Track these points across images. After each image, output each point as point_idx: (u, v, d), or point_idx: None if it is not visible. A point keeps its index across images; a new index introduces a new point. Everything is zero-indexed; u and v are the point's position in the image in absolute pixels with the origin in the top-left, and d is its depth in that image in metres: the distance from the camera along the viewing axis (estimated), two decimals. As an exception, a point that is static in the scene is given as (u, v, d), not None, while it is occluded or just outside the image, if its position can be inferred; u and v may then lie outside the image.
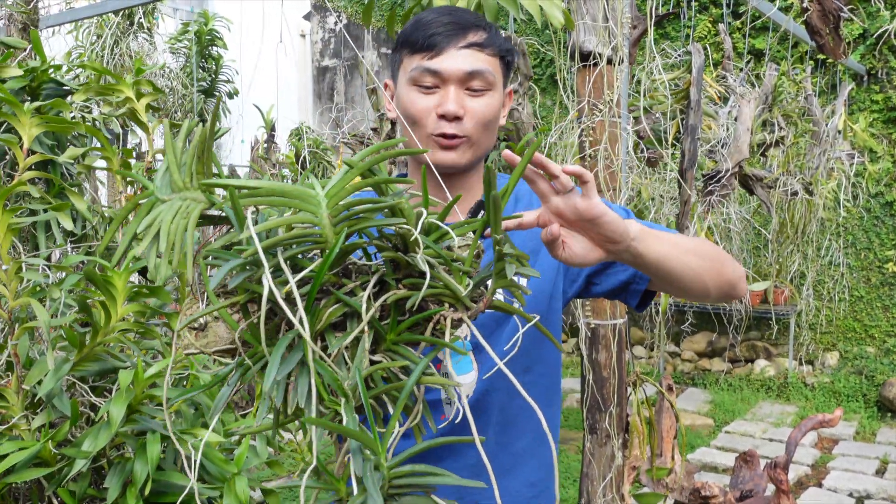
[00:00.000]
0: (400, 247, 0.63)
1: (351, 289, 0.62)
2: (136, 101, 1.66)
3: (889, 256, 5.99)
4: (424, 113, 1.13)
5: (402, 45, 1.17)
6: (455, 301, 0.62)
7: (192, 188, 0.62)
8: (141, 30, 4.80)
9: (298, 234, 0.58)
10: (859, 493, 3.99)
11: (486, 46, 1.13)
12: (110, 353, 1.57)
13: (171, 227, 0.59)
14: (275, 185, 0.57)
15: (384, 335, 0.61)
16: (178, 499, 1.51)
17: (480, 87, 1.13)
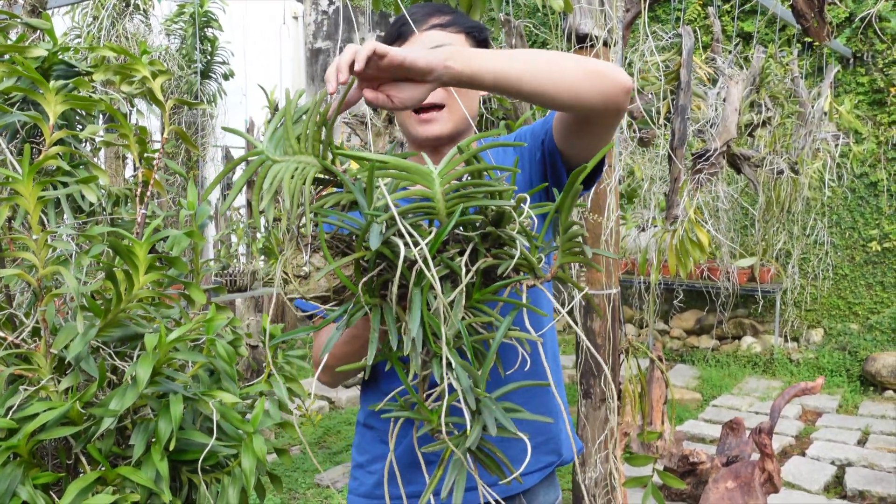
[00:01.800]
0: (494, 221, 0.72)
1: (451, 254, 0.72)
2: (153, 81, 1.72)
3: (872, 235, 6.11)
4: None
5: (386, 41, 1.32)
6: (529, 270, 0.72)
7: (307, 152, 0.71)
8: (137, 11, 4.82)
9: (418, 206, 0.68)
10: (841, 462, 4.13)
11: (448, 25, 1.26)
12: (132, 320, 1.65)
13: (290, 185, 0.68)
14: (400, 161, 0.67)
15: (471, 294, 0.72)
16: (198, 456, 1.59)
17: None
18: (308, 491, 3.77)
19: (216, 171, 5.77)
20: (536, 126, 1.34)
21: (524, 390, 1.40)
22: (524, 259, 0.72)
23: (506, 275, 0.72)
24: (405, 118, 1.29)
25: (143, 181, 1.86)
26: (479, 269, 0.72)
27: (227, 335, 1.81)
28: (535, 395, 1.39)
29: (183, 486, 1.67)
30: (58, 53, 1.93)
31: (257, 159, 0.73)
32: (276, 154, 0.72)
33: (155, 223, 1.61)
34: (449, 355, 0.65)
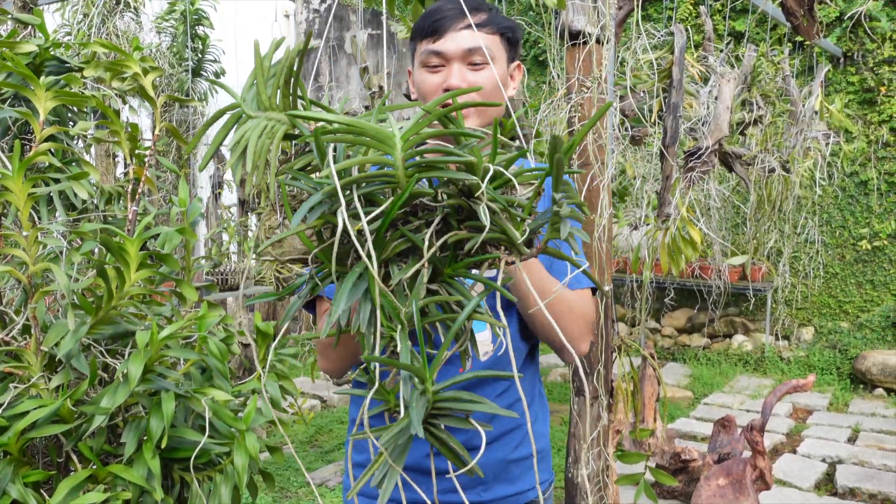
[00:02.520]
0: (465, 192, 0.67)
1: (417, 226, 0.68)
2: (144, 77, 1.72)
3: (863, 234, 6.14)
4: (433, 89, 1.27)
5: (415, 35, 1.31)
6: (510, 246, 0.68)
7: (277, 109, 0.68)
8: (128, 9, 4.80)
9: (373, 175, 0.64)
10: (832, 459, 4.15)
11: (485, 25, 1.26)
12: (123, 317, 1.64)
13: (257, 145, 0.66)
14: (353, 122, 0.60)
15: (442, 269, 0.68)
16: (190, 454, 1.59)
17: (481, 61, 1.25)
18: (300, 490, 3.76)
19: (207, 170, 5.75)
20: None
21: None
22: (503, 233, 0.66)
23: (480, 251, 0.67)
24: None
25: (135, 178, 1.85)
26: (450, 242, 0.67)
27: (218, 333, 1.80)
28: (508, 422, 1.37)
29: (174, 484, 1.66)
30: (49, 49, 1.91)
31: (234, 113, 0.71)
32: (252, 109, 0.70)
33: (146, 220, 1.60)
34: (399, 338, 0.63)
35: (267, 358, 1.92)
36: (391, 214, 0.63)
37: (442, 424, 0.66)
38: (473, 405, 0.65)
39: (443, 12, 1.26)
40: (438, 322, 0.68)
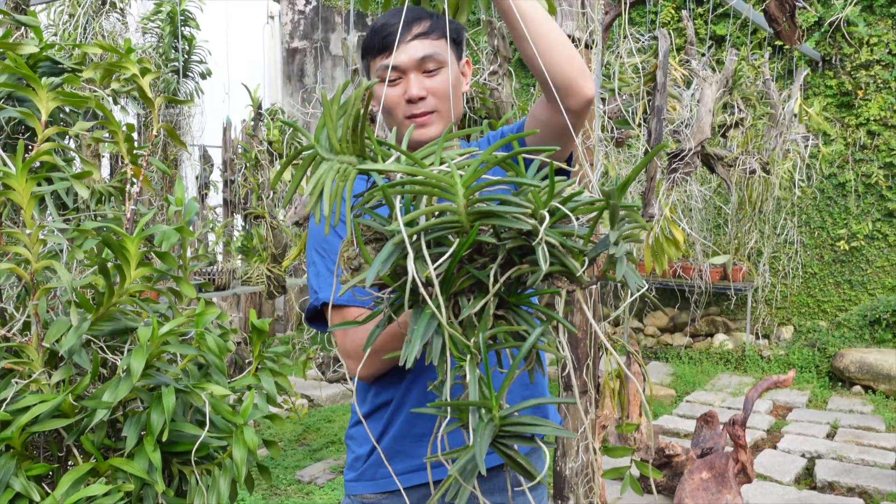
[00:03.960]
0: (524, 233, 0.72)
1: (482, 262, 0.73)
2: (142, 78, 1.74)
3: (841, 235, 6.26)
4: (395, 102, 1.33)
5: (366, 53, 1.37)
6: (571, 277, 0.73)
7: (347, 151, 0.74)
8: (113, 9, 4.80)
9: (438, 223, 0.70)
10: (811, 454, 4.23)
11: (431, 32, 1.32)
12: (123, 314, 1.67)
13: (332, 189, 0.71)
14: (417, 172, 0.68)
15: (507, 299, 0.73)
16: (189, 448, 1.61)
17: (434, 67, 1.31)
18: (289, 487, 3.79)
19: (193, 170, 5.76)
20: (512, 128, 1.46)
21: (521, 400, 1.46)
22: (562, 265, 0.72)
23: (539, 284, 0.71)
24: (397, 121, 1.35)
25: (132, 177, 1.88)
26: (513, 277, 0.72)
27: (215, 329, 1.83)
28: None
29: (174, 477, 1.69)
30: (43, 50, 1.94)
31: (309, 154, 0.76)
32: (325, 151, 0.75)
33: (146, 218, 1.63)
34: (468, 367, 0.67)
35: (262, 354, 1.95)
36: (457, 257, 0.68)
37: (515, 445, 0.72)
38: (537, 427, 0.70)
39: (389, 27, 1.31)
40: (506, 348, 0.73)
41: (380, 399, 1.47)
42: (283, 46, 7.81)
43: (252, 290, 4.32)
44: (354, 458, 1.51)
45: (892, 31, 5.95)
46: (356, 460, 1.50)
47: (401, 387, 1.46)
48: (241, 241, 4.47)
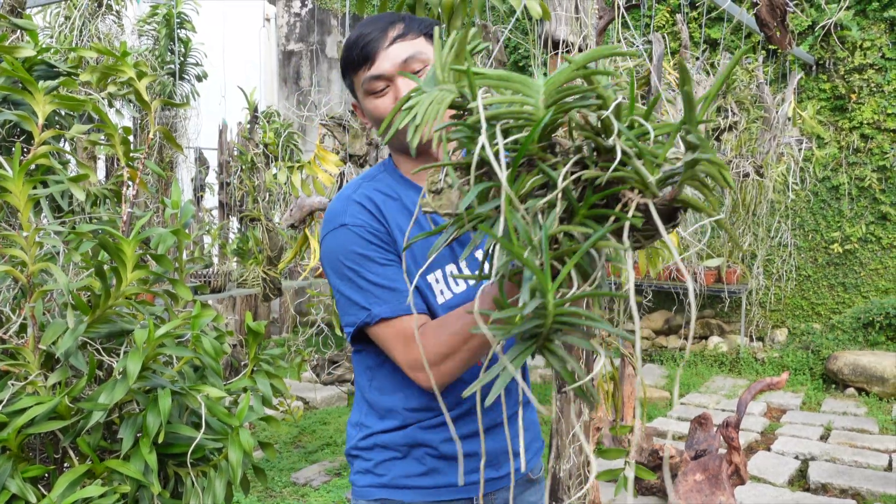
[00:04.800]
0: (601, 133, 0.71)
1: (553, 163, 0.72)
2: (138, 82, 1.75)
3: (834, 238, 6.29)
4: (388, 110, 1.29)
5: (347, 69, 1.34)
6: (643, 187, 0.70)
7: (448, 82, 0.76)
8: (109, 12, 4.81)
9: (514, 111, 0.70)
10: (804, 456, 4.25)
11: (407, 34, 1.30)
12: (120, 316, 1.68)
13: (427, 110, 0.74)
14: (502, 73, 0.72)
15: (576, 209, 0.71)
16: (185, 449, 1.62)
17: (420, 66, 1.29)
18: (284, 489, 3.79)
19: (189, 173, 5.76)
20: None
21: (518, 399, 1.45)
22: (635, 173, 0.69)
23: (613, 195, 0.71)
24: (396, 134, 1.36)
25: (128, 180, 1.89)
26: (585, 178, 0.71)
27: (210, 332, 1.84)
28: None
29: (169, 479, 1.70)
30: (40, 54, 1.94)
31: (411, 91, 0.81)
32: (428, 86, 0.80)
33: (142, 221, 1.64)
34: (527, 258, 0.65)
35: (257, 357, 1.96)
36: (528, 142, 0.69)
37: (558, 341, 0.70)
38: (593, 322, 0.68)
39: (365, 38, 1.29)
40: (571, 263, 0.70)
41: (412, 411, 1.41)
42: (279, 49, 7.82)
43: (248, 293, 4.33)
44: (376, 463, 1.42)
45: (886, 35, 5.99)
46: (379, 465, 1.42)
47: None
48: (237, 243, 4.47)
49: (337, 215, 1.33)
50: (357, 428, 1.45)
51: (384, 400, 1.39)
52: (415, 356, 1.24)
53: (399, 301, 1.26)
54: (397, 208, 1.33)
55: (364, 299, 1.28)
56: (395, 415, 1.38)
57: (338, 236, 1.31)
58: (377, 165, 1.46)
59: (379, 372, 1.40)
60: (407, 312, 1.25)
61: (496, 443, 1.40)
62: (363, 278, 1.28)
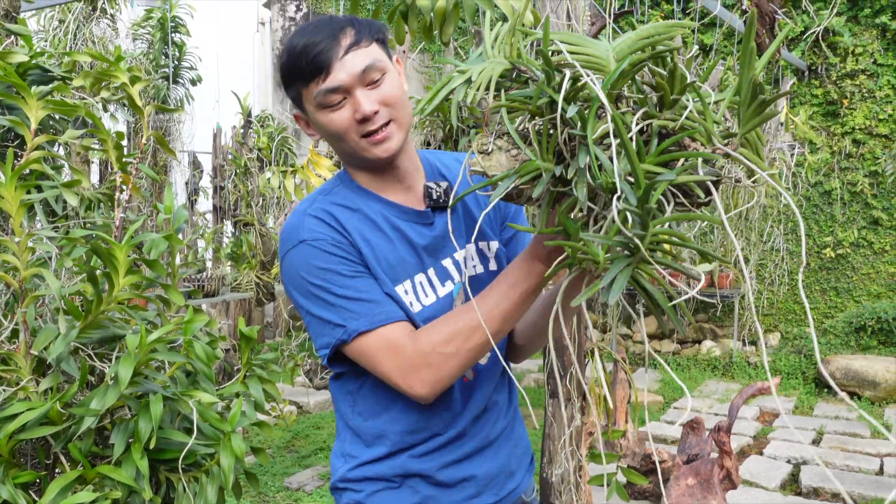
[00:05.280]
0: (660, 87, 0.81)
1: (623, 112, 0.80)
2: (131, 87, 1.75)
3: (827, 242, 6.31)
4: (346, 125, 1.21)
5: (294, 79, 1.23)
6: (706, 140, 0.78)
7: (499, 56, 0.83)
8: (104, 15, 4.81)
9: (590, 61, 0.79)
10: (797, 460, 4.27)
11: (360, 41, 1.21)
12: (112, 321, 1.68)
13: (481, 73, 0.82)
14: (573, 34, 0.81)
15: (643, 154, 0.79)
16: (177, 455, 1.62)
17: (378, 75, 1.21)
18: (278, 494, 3.79)
19: (182, 176, 5.76)
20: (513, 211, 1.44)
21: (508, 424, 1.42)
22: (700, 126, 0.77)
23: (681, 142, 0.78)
24: (352, 144, 1.24)
25: (121, 185, 1.89)
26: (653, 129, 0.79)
27: (203, 337, 1.84)
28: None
29: (161, 485, 1.69)
30: (33, 58, 1.94)
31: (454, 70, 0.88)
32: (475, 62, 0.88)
33: (135, 226, 1.64)
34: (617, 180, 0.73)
35: (250, 361, 1.95)
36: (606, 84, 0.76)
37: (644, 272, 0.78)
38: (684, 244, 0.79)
39: (316, 47, 1.18)
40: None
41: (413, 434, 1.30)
42: (273, 53, 7.83)
43: (241, 297, 4.32)
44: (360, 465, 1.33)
45: (877, 41, 6.02)
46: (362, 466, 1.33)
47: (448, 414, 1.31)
48: (231, 247, 4.47)
49: (294, 232, 1.25)
50: (343, 459, 1.35)
51: (369, 425, 1.30)
52: (408, 360, 1.16)
53: (376, 312, 1.19)
54: (359, 218, 1.26)
55: (337, 316, 1.20)
56: (383, 440, 1.29)
57: (298, 254, 1.23)
58: (332, 179, 1.38)
59: (360, 395, 1.31)
60: (387, 322, 1.18)
61: (493, 462, 1.34)
62: (332, 294, 1.20)
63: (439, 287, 1.30)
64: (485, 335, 1.13)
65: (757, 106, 0.78)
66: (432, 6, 1.47)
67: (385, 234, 1.26)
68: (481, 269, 1.35)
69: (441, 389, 1.17)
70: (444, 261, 1.31)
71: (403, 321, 1.20)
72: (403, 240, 1.27)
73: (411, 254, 1.28)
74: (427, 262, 1.29)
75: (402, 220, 1.29)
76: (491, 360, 1.35)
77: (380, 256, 1.24)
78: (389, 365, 1.17)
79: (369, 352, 1.19)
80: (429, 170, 1.37)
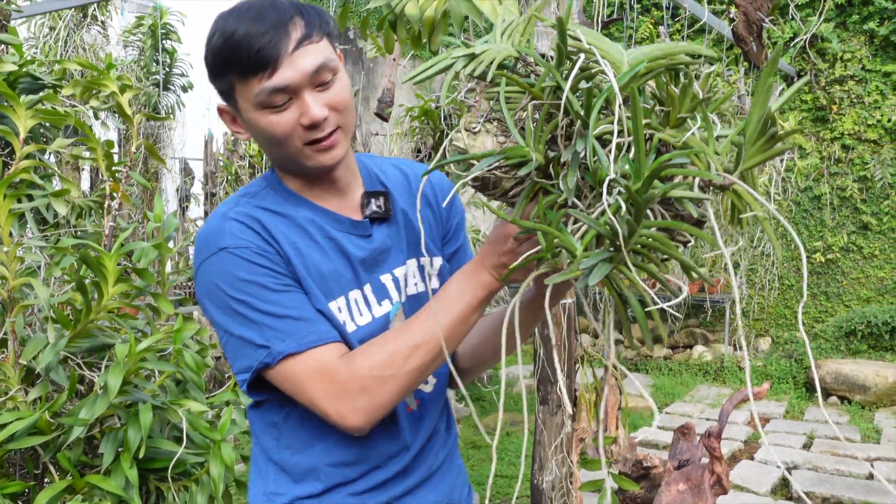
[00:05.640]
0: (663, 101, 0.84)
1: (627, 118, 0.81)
2: (121, 95, 1.75)
3: (817, 247, 6.35)
4: (288, 130, 1.06)
5: (225, 69, 1.06)
6: (705, 167, 0.81)
7: (505, 43, 0.86)
8: (94, 22, 4.80)
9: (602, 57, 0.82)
10: (787, 465, 4.28)
11: (312, 35, 1.06)
12: (101, 330, 1.67)
13: (486, 53, 0.84)
14: (594, 31, 0.85)
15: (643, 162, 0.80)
16: (166, 464, 1.62)
17: (329, 76, 1.07)
18: (268, 502, 3.77)
19: (174, 184, 5.75)
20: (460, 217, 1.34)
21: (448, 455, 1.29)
22: (702, 149, 0.80)
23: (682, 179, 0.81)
24: (293, 151, 1.09)
25: (111, 193, 1.88)
26: (653, 143, 0.81)
27: (193, 345, 1.84)
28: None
29: (150, 494, 1.69)
30: (23, 67, 1.94)
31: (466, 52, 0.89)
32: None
33: (124, 235, 1.64)
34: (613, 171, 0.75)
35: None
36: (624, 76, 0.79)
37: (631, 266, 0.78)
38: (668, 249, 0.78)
39: (260, 38, 1.02)
40: None
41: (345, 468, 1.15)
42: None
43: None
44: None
45: (865, 48, 6.07)
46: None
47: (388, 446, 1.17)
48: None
49: (213, 238, 1.08)
50: (266, 498, 1.17)
51: (298, 459, 1.14)
52: (341, 386, 1.02)
53: (305, 331, 1.04)
54: (287, 225, 1.11)
55: (260, 335, 1.04)
56: (315, 475, 1.14)
57: (217, 263, 1.06)
58: (257, 181, 1.22)
59: (287, 426, 1.15)
60: (318, 343, 1.04)
61: (436, 493, 1.23)
62: (256, 310, 1.04)
63: (376, 306, 1.17)
64: (427, 355, 1.02)
65: (766, 141, 0.79)
66: (420, 15, 1.48)
67: (317, 243, 1.13)
68: (422, 287, 1.24)
69: (378, 418, 1.04)
70: (383, 277, 1.18)
71: (337, 342, 1.06)
72: (338, 251, 1.14)
73: (346, 267, 1.14)
74: (363, 278, 1.16)
75: (337, 230, 1.15)
76: (436, 388, 1.25)
77: (311, 268, 1.10)
78: (319, 392, 1.03)
79: (296, 377, 1.04)
80: (367, 177, 1.24)
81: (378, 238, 1.19)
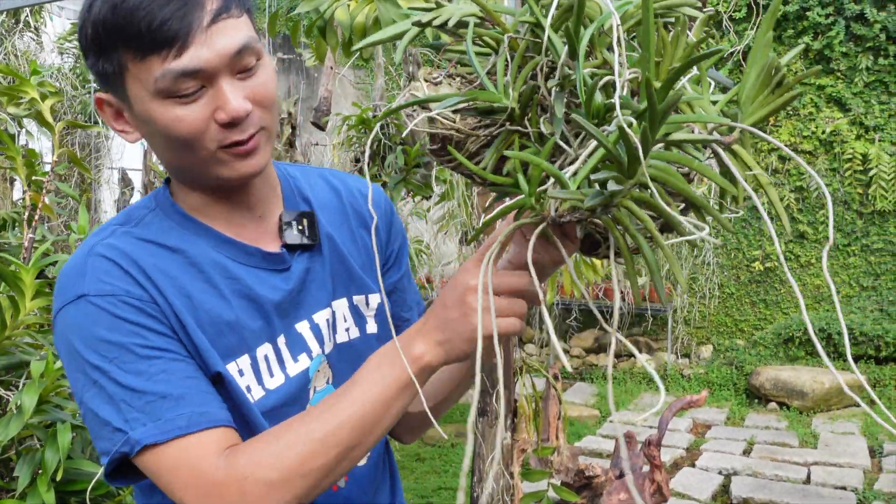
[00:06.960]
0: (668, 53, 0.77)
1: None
2: (42, 103, 1.70)
3: (755, 256, 6.51)
4: (199, 129, 0.83)
5: (113, 44, 0.81)
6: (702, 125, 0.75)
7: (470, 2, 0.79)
8: (28, 28, 4.66)
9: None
10: (727, 471, 4.36)
11: (231, 7, 0.83)
12: (18, 347, 1.61)
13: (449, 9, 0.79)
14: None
15: None
16: (86, 486, 1.56)
17: (253, 61, 0.85)
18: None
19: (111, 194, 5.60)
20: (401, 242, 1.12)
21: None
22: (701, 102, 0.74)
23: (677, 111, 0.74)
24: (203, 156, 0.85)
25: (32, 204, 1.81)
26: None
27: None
28: None
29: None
30: (-61, 72, 1.86)
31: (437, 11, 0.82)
32: None
33: (43, 247, 1.57)
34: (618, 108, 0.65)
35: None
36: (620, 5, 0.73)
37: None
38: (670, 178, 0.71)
39: (167, 6, 0.79)
40: None
41: None
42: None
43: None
44: None
45: (800, 61, 6.26)
46: None
47: None
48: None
49: (73, 280, 0.85)
50: None
51: None
52: (215, 488, 0.79)
53: (172, 413, 0.80)
54: (176, 264, 0.88)
55: (118, 416, 0.81)
56: None
57: (74, 313, 0.84)
58: (143, 201, 0.96)
59: None
60: (189, 430, 0.80)
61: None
62: (114, 382, 0.81)
63: (290, 363, 0.94)
64: (335, 449, 0.80)
65: (772, 90, 0.72)
66: (351, 21, 1.46)
67: (216, 287, 0.89)
68: (356, 332, 1.02)
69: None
70: (299, 325, 0.95)
71: (218, 427, 0.82)
72: (243, 296, 0.91)
73: (254, 316, 0.91)
74: (278, 328, 0.93)
75: (245, 267, 0.92)
76: (372, 459, 1.03)
77: (206, 320, 0.87)
78: (187, 493, 0.80)
79: (159, 472, 0.81)
80: (288, 192, 1.01)
81: (297, 273, 0.96)
